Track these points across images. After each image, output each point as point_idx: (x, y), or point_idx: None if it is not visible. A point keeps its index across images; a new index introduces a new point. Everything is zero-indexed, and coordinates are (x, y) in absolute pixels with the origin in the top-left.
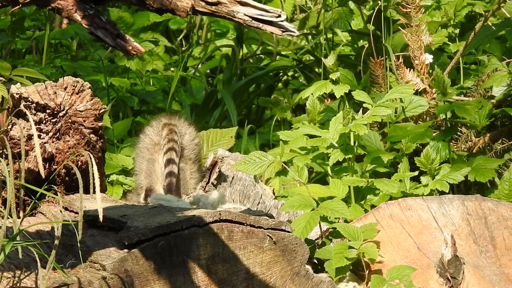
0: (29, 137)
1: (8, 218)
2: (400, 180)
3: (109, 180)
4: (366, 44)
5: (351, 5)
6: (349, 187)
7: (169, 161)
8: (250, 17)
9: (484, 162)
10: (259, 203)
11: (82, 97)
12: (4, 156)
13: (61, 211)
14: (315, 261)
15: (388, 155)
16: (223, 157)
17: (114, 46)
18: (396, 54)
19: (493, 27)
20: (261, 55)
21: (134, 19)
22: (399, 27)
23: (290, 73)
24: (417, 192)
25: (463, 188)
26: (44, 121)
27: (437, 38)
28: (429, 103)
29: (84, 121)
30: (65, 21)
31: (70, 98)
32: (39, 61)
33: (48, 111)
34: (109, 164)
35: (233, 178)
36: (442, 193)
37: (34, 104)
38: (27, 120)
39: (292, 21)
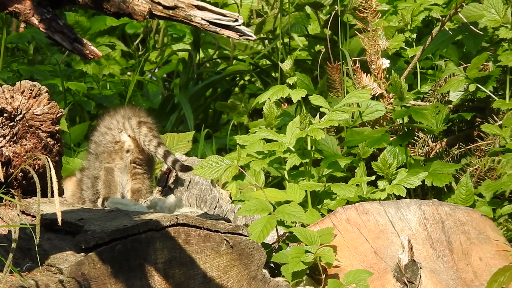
0: None
1: None
2: (357, 185)
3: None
4: (323, 48)
5: (308, 9)
6: (306, 191)
7: (167, 152)
8: (208, 21)
9: (441, 166)
10: (216, 207)
11: (39, 101)
12: None
13: (18, 215)
14: (272, 265)
15: (345, 160)
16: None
17: (71, 50)
18: (353, 58)
19: (450, 32)
20: (218, 60)
21: (90, 24)
22: (356, 32)
23: (246, 78)
24: (374, 196)
25: (420, 192)
26: (1, 125)
27: (394, 43)
28: (386, 108)
29: (41, 125)
30: (22, 25)
31: (27, 102)
32: None
33: (5, 114)
34: (66, 168)
35: (190, 182)
36: (399, 197)
37: None
38: None
39: (249, 25)
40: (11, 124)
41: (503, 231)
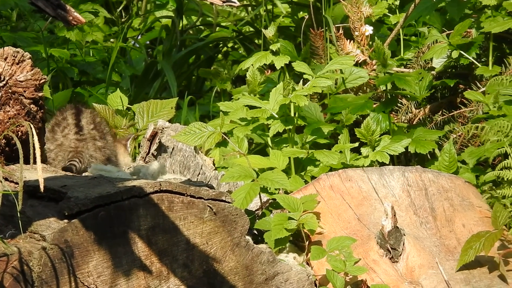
0: None
1: None
2: (341, 152)
3: None
4: (306, 15)
5: None
6: (289, 158)
7: None
8: None
9: (425, 133)
10: (199, 174)
11: (22, 67)
12: None
13: (1, 181)
14: (255, 232)
15: (328, 126)
16: (163, 128)
17: (54, 17)
18: (336, 25)
19: None
20: (201, 27)
21: None
22: None
23: (230, 45)
24: (357, 163)
25: (403, 159)
26: None
27: (377, 10)
28: (369, 74)
29: (25, 91)
30: None
31: (11, 68)
32: None
33: None
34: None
35: (173, 149)
36: (382, 164)
37: None
38: None
39: None
40: None
41: (486, 198)
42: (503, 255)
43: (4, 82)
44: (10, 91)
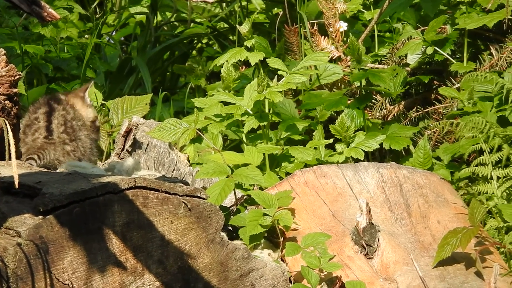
0: None
1: None
2: (315, 148)
3: None
4: (280, 11)
5: None
6: (264, 154)
7: None
8: None
9: (399, 130)
10: (174, 170)
11: None
12: None
13: None
14: (230, 228)
15: (303, 123)
16: (137, 124)
17: (29, 13)
18: (310, 21)
19: None
20: (175, 23)
21: None
22: None
23: (204, 41)
24: (332, 159)
25: (378, 155)
26: None
27: (352, 6)
28: (344, 70)
29: None
30: None
31: None
32: None
33: None
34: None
35: (148, 145)
36: (357, 160)
37: None
38: None
39: None
40: None
41: (461, 194)
42: (480, 252)
43: None
44: None
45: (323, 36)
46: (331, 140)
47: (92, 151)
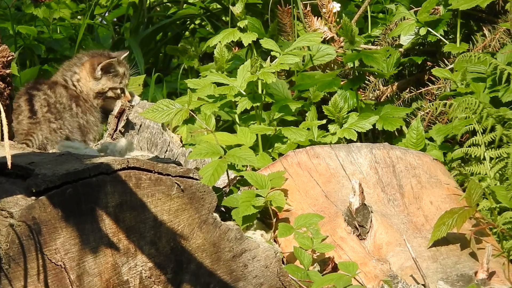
0: None
1: None
2: (308, 129)
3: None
4: None
5: None
6: (256, 135)
7: None
8: None
9: (392, 110)
10: (166, 150)
11: None
12: None
13: None
14: (223, 209)
15: (295, 104)
16: (131, 105)
17: None
18: (303, 2)
19: None
20: (168, 4)
21: None
22: None
23: (197, 22)
24: (325, 140)
25: (371, 136)
26: None
27: None
28: (337, 51)
29: None
30: None
31: None
32: None
33: None
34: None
35: (140, 126)
36: (350, 141)
37: None
38: None
39: None
40: None
41: (454, 175)
42: (475, 232)
43: None
44: None
45: (316, 17)
46: (324, 121)
47: (84, 130)
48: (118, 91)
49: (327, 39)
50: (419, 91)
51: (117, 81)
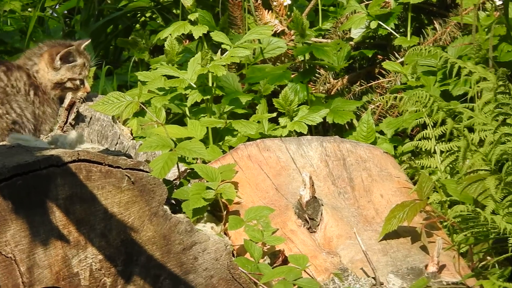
0: None
1: None
2: (258, 122)
3: None
4: None
5: None
6: (207, 128)
7: None
8: None
9: (343, 104)
10: (117, 143)
11: None
12: None
13: None
14: (173, 201)
15: (246, 97)
16: (81, 98)
17: None
18: None
19: None
20: None
21: None
22: None
23: (148, 14)
24: (275, 133)
25: (321, 129)
26: None
27: None
28: (288, 44)
29: None
30: None
31: None
32: None
33: None
34: None
35: (91, 118)
36: (300, 134)
37: None
38: None
39: None
40: None
41: (404, 168)
42: (425, 226)
43: None
44: None
45: (267, 10)
46: (274, 114)
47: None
48: (78, 82)
49: (278, 32)
50: (369, 84)
51: (76, 72)
